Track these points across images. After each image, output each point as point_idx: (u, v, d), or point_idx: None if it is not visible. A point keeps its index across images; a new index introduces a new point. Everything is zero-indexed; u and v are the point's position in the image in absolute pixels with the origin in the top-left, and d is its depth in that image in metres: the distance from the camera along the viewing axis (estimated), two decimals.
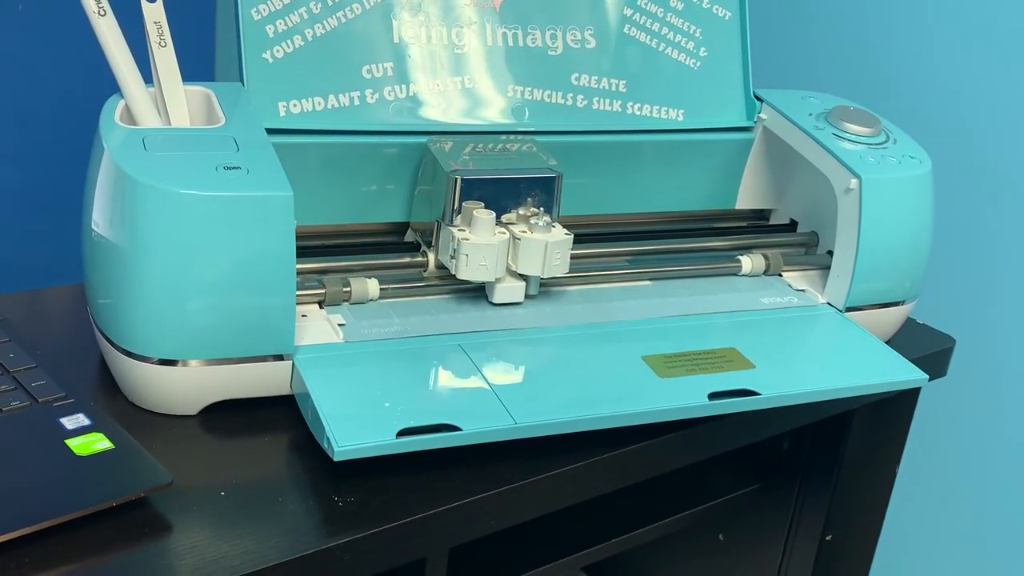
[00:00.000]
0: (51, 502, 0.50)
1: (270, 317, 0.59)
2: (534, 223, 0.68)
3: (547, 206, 0.69)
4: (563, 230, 0.69)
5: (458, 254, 0.66)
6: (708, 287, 0.76)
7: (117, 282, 0.58)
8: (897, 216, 0.74)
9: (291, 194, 0.57)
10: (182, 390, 0.60)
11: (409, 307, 0.68)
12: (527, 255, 0.68)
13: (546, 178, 0.69)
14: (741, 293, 0.76)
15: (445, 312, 0.68)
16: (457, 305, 0.69)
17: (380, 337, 0.64)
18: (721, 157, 0.81)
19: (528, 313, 0.70)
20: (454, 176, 0.67)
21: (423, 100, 0.71)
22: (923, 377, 0.68)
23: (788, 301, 0.75)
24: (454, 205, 0.67)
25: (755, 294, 0.76)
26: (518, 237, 0.67)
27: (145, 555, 0.50)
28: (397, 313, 0.67)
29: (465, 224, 0.67)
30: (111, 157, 0.58)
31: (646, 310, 0.72)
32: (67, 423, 0.55)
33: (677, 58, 0.78)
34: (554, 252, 0.68)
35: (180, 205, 0.56)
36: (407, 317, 0.67)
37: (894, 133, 0.79)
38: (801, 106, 0.80)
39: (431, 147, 0.69)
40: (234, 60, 0.67)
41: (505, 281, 0.69)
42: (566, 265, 0.69)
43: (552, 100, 0.74)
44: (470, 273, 0.67)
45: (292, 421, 0.60)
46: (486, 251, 0.66)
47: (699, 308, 0.73)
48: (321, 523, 0.54)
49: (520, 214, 0.69)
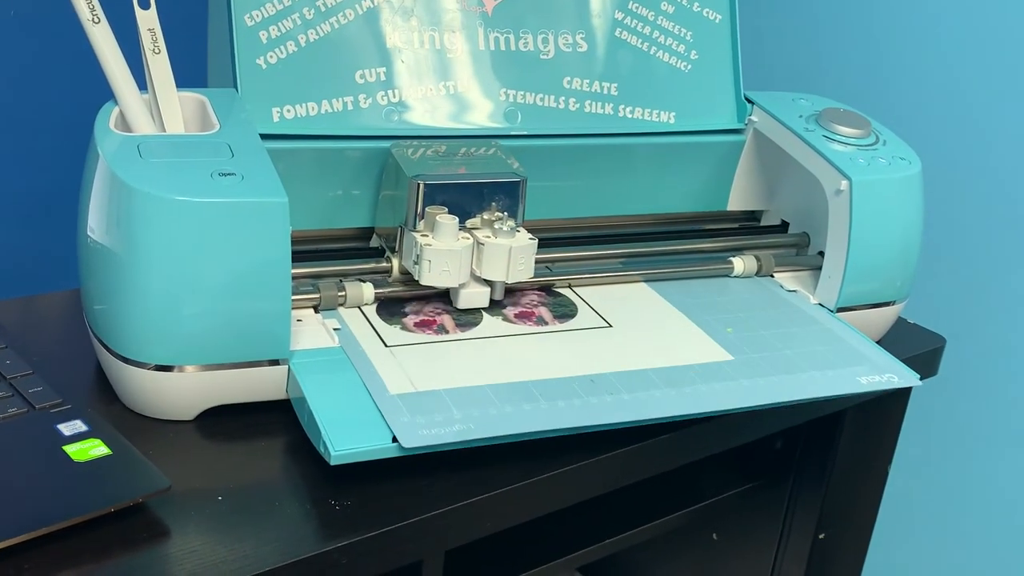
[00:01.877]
0: (49, 508, 0.50)
1: (266, 322, 0.59)
2: (498, 228, 0.68)
3: (511, 211, 0.69)
4: (527, 235, 0.68)
5: (421, 260, 0.66)
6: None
7: (113, 288, 0.59)
8: (887, 217, 0.75)
9: (286, 200, 0.58)
10: (179, 395, 0.60)
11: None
12: (491, 260, 0.67)
13: (510, 183, 0.69)
14: (837, 370, 0.68)
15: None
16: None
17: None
18: (712, 159, 0.81)
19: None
20: (416, 181, 0.66)
21: (416, 105, 0.71)
22: (914, 376, 0.69)
23: (887, 380, 0.68)
24: (417, 210, 0.67)
25: (852, 370, 0.68)
26: (482, 242, 0.67)
27: (144, 561, 0.51)
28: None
29: (428, 229, 0.67)
30: (106, 164, 0.59)
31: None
32: (64, 429, 0.55)
33: (668, 61, 0.79)
34: (518, 257, 0.67)
35: (175, 212, 0.56)
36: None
37: (884, 134, 0.79)
38: (791, 108, 0.81)
39: (394, 152, 0.69)
40: (227, 66, 0.67)
41: (470, 286, 0.69)
42: (531, 270, 0.69)
43: (544, 104, 0.75)
44: (433, 279, 0.66)
45: (288, 425, 0.61)
46: (449, 257, 0.66)
47: (785, 395, 0.65)
48: (318, 527, 0.55)
49: (484, 219, 0.69)
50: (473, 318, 0.69)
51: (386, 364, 0.62)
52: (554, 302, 0.72)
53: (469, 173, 0.68)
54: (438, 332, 0.67)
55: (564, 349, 0.67)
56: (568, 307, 0.72)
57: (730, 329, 0.71)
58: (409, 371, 0.62)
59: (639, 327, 0.71)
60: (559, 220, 0.79)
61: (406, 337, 0.66)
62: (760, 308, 0.75)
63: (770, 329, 0.72)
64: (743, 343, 0.70)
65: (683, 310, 0.73)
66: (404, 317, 0.68)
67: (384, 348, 0.64)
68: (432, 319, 0.68)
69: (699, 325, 0.72)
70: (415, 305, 0.69)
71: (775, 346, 0.70)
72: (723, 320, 0.73)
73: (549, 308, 0.71)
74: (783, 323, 0.73)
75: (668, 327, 0.71)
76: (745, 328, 0.72)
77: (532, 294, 0.73)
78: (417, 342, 0.65)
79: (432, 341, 0.66)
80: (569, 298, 0.73)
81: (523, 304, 0.71)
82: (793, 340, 0.71)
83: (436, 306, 0.70)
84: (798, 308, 0.75)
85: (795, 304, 0.76)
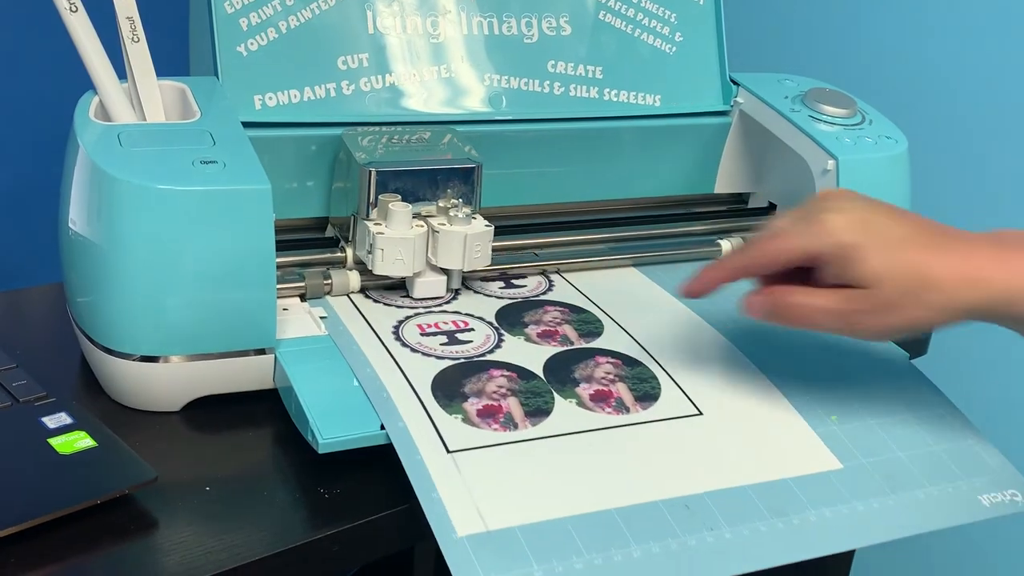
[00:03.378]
0: (35, 501, 0.50)
1: (251, 311, 0.59)
2: (454, 215, 0.66)
3: (467, 197, 0.67)
4: (484, 221, 0.67)
5: (374, 248, 0.64)
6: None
7: (96, 279, 0.58)
8: (874, 195, 0.74)
9: (269, 187, 0.57)
10: (164, 386, 0.59)
11: None
12: (446, 248, 0.66)
13: (465, 168, 0.67)
14: (956, 483, 0.60)
15: None
16: None
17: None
18: (699, 142, 0.81)
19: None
20: (368, 168, 0.65)
21: (399, 90, 0.71)
22: (903, 355, 0.69)
23: (1011, 499, 0.60)
24: (369, 198, 0.65)
25: (971, 483, 0.60)
26: (437, 230, 0.66)
27: (131, 552, 0.50)
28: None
29: (381, 218, 0.65)
30: (87, 154, 0.58)
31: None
32: (49, 422, 0.55)
33: (653, 44, 0.78)
34: (474, 244, 0.66)
35: (157, 200, 0.56)
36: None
37: (870, 114, 0.79)
38: (777, 89, 0.80)
39: (345, 139, 0.67)
40: (208, 54, 0.67)
41: (425, 275, 0.67)
42: (488, 257, 0.67)
43: (529, 88, 0.74)
44: (386, 268, 0.65)
45: (276, 415, 0.60)
46: (402, 245, 0.64)
47: (905, 526, 0.57)
48: (308, 515, 0.54)
49: (440, 206, 0.67)
50: (543, 401, 0.59)
51: (450, 483, 0.53)
52: (633, 375, 0.63)
53: (422, 159, 0.67)
54: (505, 426, 0.57)
55: (652, 456, 0.57)
56: (650, 382, 0.62)
57: (834, 417, 0.62)
58: (476, 495, 0.52)
59: (731, 413, 0.61)
60: (545, 205, 0.79)
61: (470, 436, 0.56)
62: (858, 371, 0.67)
63: (877, 416, 0.63)
64: (850, 439, 0.61)
65: (782, 388, 0.63)
66: (465, 401, 0.58)
67: (446, 455, 0.54)
68: (498, 404, 0.58)
69: (799, 410, 0.62)
70: (475, 381, 0.60)
71: (886, 445, 0.61)
72: (825, 399, 0.63)
73: (628, 384, 0.62)
74: (885, 396, 0.64)
75: (764, 412, 0.62)
76: (849, 412, 0.63)
77: (607, 362, 0.64)
78: (483, 444, 0.56)
79: (501, 443, 0.56)
80: (650, 370, 0.63)
81: (600, 379, 0.62)
82: (903, 434, 0.62)
83: (500, 383, 0.60)
84: (897, 375, 0.67)
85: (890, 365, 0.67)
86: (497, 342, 0.64)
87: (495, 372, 0.61)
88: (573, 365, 0.63)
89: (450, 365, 0.61)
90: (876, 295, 0.53)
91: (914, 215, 0.57)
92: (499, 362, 0.62)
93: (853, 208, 0.55)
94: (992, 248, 0.54)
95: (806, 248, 0.55)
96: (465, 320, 0.66)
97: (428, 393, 0.58)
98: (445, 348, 0.63)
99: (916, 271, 0.53)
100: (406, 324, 0.65)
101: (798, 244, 0.55)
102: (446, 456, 0.54)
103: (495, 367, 0.62)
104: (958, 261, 0.53)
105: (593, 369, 0.63)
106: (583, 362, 0.63)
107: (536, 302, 0.70)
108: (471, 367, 0.61)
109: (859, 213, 0.54)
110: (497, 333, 0.65)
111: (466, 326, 0.66)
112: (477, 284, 0.71)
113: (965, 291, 0.53)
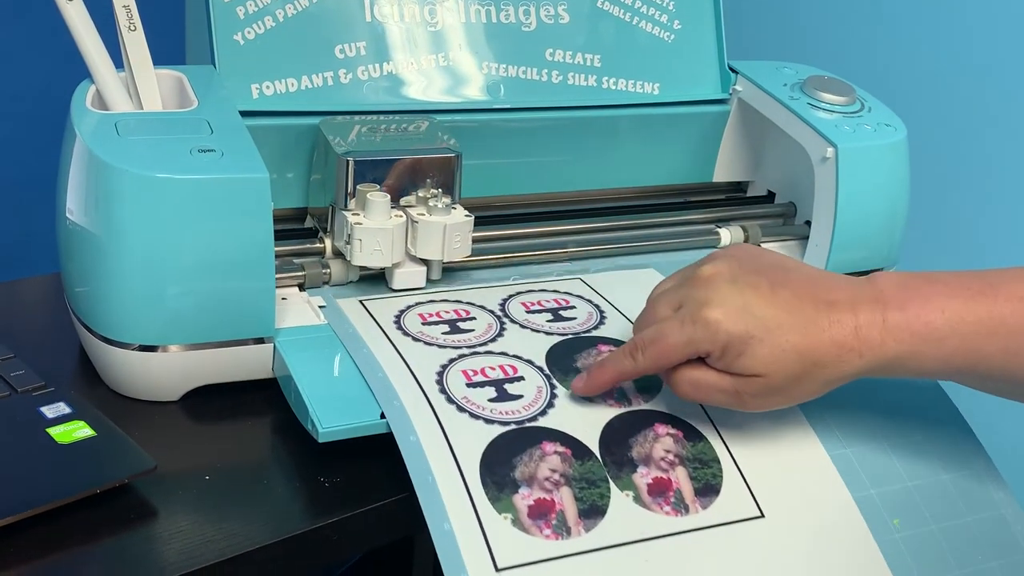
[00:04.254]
0: (34, 491, 0.50)
1: (250, 300, 0.59)
2: (433, 205, 0.65)
3: (447, 187, 0.66)
4: (463, 211, 0.66)
5: (352, 239, 0.64)
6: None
7: (94, 269, 0.58)
8: (874, 184, 0.74)
9: (267, 175, 0.57)
10: (163, 376, 0.59)
11: None
12: (425, 239, 0.65)
13: (444, 158, 0.66)
14: None
15: None
16: None
17: None
18: (697, 130, 0.81)
19: None
20: (346, 158, 0.64)
21: (397, 79, 0.71)
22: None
23: None
24: (347, 188, 0.65)
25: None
26: (416, 220, 0.65)
27: (131, 541, 0.50)
28: None
29: (360, 208, 0.65)
30: (84, 143, 0.58)
31: None
32: (48, 412, 0.55)
33: (651, 32, 0.78)
34: (454, 235, 0.65)
35: (155, 189, 0.56)
36: None
37: (869, 101, 0.79)
38: (776, 77, 0.80)
39: (323, 128, 0.66)
40: (205, 43, 0.66)
41: (404, 266, 0.66)
42: (467, 248, 0.66)
43: (527, 76, 0.74)
44: (364, 259, 0.64)
45: (275, 404, 0.60)
46: (380, 235, 0.64)
47: None
48: (308, 504, 0.54)
49: (419, 196, 0.66)
50: (599, 495, 0.55)
51: None
52: (694, 455, 0.58)
53: (401, 149, 0.66)
54: (558, 532, 0.53)
55: (710, 573, 0.54)
56: (711, 467, 0.58)
57: (897, 521, 0.58)
58: None
59: (793, 516, 0.57)
60: (543, 194, 0.79)
61: (520, 546, 0.52)
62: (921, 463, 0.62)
63: (940, 521, 0.59)
64: (910, 553, 0.57)
65: (845, 476, 0.59)
66: (516, 493, 0.53)
67: (495, 574, 0.50)
68: (551, 499, 0.54)
69: (861, 508, 0.58)
70: (527, 461, 0.55)
71: (946, 563, 0.58)
72: (890, 501, 0.59)
73: (689, 470, 0.57)
74: (948, 494, 0.61)
75: (826, 516, 0.58)
76: (913, 516, 0.59)
77: (667, 435, 0.58)
78: (534, 560, 0.51)
79: (552, 557, 0.52)
80: (712, 448, 0.58)
81: (659, 461, 0.57)
82: (963, 548, 0.59)
83: (554, 466, 0.55)
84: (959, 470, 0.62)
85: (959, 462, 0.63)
86: (549, 399, 0.59)
87: (548, 447, 0.56)
88: (631, 439, 0.58)
89: (500, 434, 0.56)
90: (764, 382, 0.54)
91: (794, 272, 0.56)
92: (552, 431, 0.57)
93: (730, 295, 0.54)
94: (871, 308, 0.53)
95: (690, 349, 0.55)
96: (513, 365, 0.61)
97: (476, 478, 0.53)
98: (495, 407, 0.57)
99: (799, 355, 0.53)
100: (407, 314, 0.65)
101: (682, 346, 0.55)
102: (495, 575, 0.50)
103: (548, 438, 0.56)
104: (839, 334, 0.53)
105: (652, 445, 0.58)
106: (641, 432, 0.58)
107: (587, 339, 0.64)
108: (522, 438, 0.56)
109: (738, 300, 0.54)
110: (549, 385, 0.60)
111: (515, 372, 0.60)
112: (523, 317, 0.66)
113: (848, 362, 0.53)
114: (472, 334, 0.63)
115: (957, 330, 0.53)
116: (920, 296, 0.53)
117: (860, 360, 0.53)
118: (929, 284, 0.54)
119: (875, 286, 0.55)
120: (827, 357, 0.53)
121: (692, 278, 0.56)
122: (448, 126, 0.69)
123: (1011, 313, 0.53)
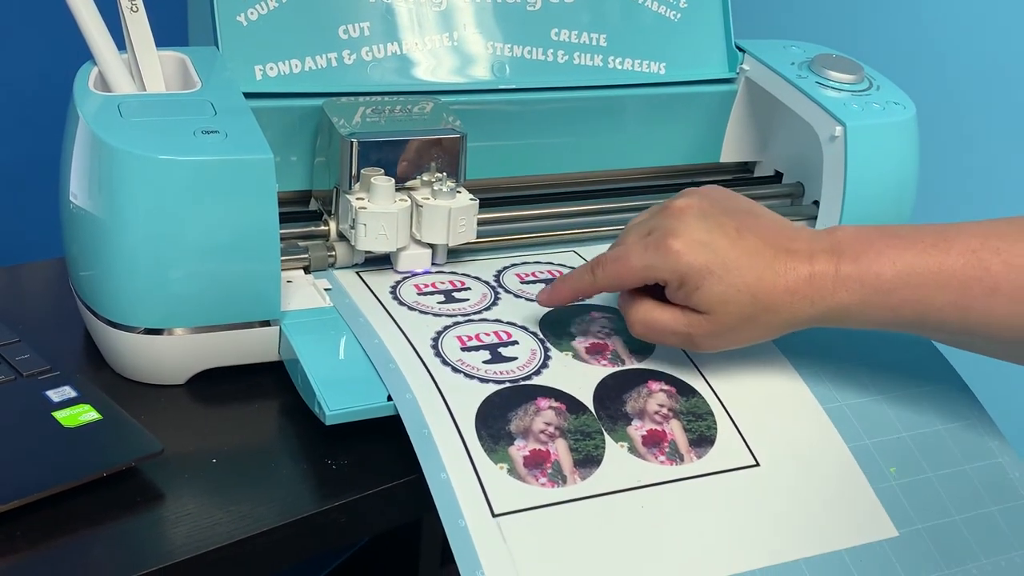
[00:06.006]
0: (41, 475, 0.50)
1: (255, 283, 0.58)
2: (438, 188, 0.65)
3: (451, 170, 0.66)
4: (468, 195, 0.65)
5: (356, 224, 0.63)
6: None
7: (98, 252, 0.58)
8: (882, 162, 0.74)
9: (271, 157, 0.57)
10: (169, 359, 0.59)
11: None
12: (430, 222, 0.64)
13: (449, 139, 0.65)
14: (1010, 556, 0.58)
15: None
16: None
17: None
18: (704, 110, 0.80)
19: None
20: (350, 140, 0.63)
21: (401, 60, 0.70)
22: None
23: None
24: (351, 171, 0.64)
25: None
26: (420, 204, 0.64)
27: (138, 524, 0.50)
28: None
29: (364, 191, 0.64)
30: (87, 125, 0.57)
31: None
32: (53, 396, 0.55)
33: (657, 10, 0.77)
34: (459, 218, 0.64)
35: (159, 171, 0.55)
36: None
37: (877, 79, 0.78)
38: (783, 55, 0.80)
39: (327, 109, 0.66)
40: (208, 24, 0.66)
41: (410, 249, 0.66)
42: (472, 231, 0.66)
43: (532, 56, 0.74)
44: (369, 243, 0.64)
45: (281, 387, 0.60)
46: (385, 220, 0.63)
47: None
48: (315, 487, 0.54)
49: (424, 179, 0.66)
50: (594, 446, 0.55)
51: (495, 555, 0.49)
52: (688, 409, 0.58)
53: (406, 130, 0.65)
54: (554, 480, 0.53)
55: (704, 525, 0.54)
56: (705, 420, 0.58)
57: (893, 469, 0.59)
58: (521, 570, 0.49)
59: (788, 464, 0.57)
60: (548, 175, 0.78)
61: (517, 493, 0.52)
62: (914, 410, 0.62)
63: (937, 469, 0.60)
64: (908, 499, 0.58)
65: (841, 430, 0.59)
66: (511, 445, 0.54)
67: (491, 520, 0.51)
68: (546, 450, 0.54)
69: (857, 459, 0.58)
70: (522, 416, 0.56)
71: (944, 509, 0.58)
72: (885, 447, 0.60)
73: (683, 422, 0.58)
74: (944, 444, 0.61)
75: (823, 465, 0.58)
76: (909, 464, 0.59)
77: (661, 390, 0.59)
78: (530, 506, 0.52)
79: (548, 503, 0.52)
80: (706, 402, 0.59)
81: (653, 414, 0.57)
82: (961, 494, 0.59)
83: (548, 419, 0.56)
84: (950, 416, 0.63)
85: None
86: (543, 360, 0.60)
87: (542, 403, 0.57)
88: (624, 395, 0.58)
89: (495, 391, 0.56)
90: (716, 320, 0.55)
91: (763, 219, 0.57)
92: (546, 388, 0.58)
93: (696, 229, 0.55)
94: (826, 258, 0.54)
95: (648, 274, 0.56)
96: (508, 331, 0.61)
97: (472, 431, 0.54)
98: (490, 367, 0.58)
99: (752, 297, 0.54)
100: (403, 284, 0.64)
101: (640, 270, 0.56)
102: (491, 521, 0.50)
103: (542, 395, 0.57)
104: (793, 281, 0.54)
105: (646, 400, 0.58)
106: (635, 389, 0.59)
107: (581, 307, 0.64)
108: (517, 395, 0.57)
109: (701, 234, 0.55)
110: (543, 348, 0.61)
111: (509, 338, 0.61)
112: (518, 287, 0.66)
113: (800, 309, 0.54)
114: (467, 303, 0.63)
115: (907, 282, 0.53)
116: (874, 249, 0.54)
117: (811, 308, 0.54)
118: (885, 237, 0.55)
119: (834, 237, 0.55)
120: (779, 302, 0.54)
121: (665, 208, 0.58)
122: (453, 107, 0.69)
123: (963, 266, 0.53)
